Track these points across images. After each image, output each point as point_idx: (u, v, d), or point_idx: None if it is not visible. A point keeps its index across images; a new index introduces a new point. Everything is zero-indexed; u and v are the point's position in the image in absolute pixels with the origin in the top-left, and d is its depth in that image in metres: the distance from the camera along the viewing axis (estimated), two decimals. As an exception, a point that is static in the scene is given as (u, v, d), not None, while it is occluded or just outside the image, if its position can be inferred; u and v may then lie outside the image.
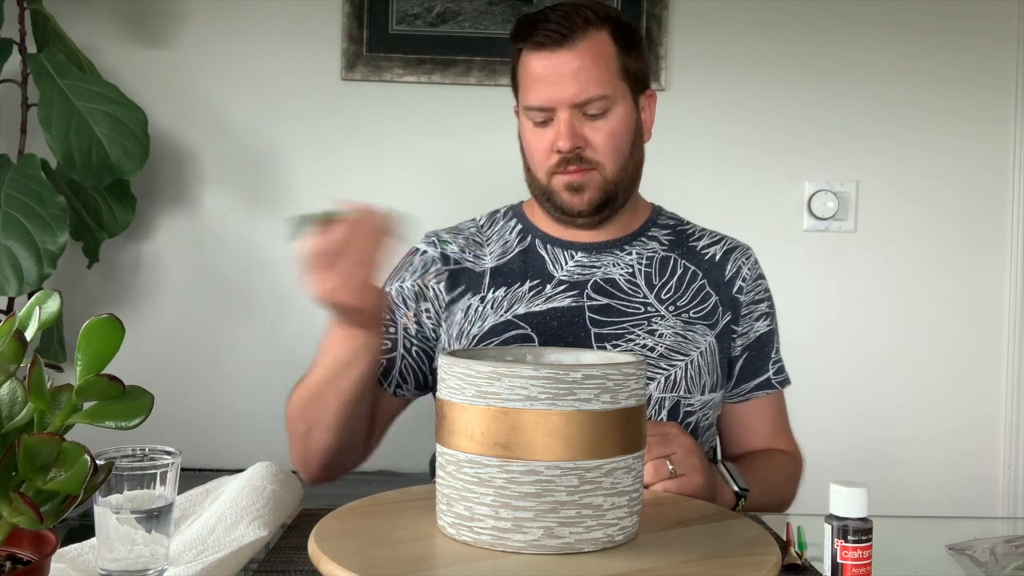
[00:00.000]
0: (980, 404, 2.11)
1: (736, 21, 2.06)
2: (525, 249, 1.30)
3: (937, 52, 2.09)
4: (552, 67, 1.19)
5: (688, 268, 1.30)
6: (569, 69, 1.18)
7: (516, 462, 0.76)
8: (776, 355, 1.33)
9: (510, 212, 1.37)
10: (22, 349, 0.65)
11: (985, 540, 1.02)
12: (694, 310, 1.27)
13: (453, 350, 1.00)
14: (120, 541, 0.83)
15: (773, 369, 1.31)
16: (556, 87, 1.18)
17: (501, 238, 1.33)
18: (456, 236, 1.34)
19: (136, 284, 2.02)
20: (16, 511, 0.63)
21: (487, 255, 1.31)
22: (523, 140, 1.27)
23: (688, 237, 1.33)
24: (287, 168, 2.03)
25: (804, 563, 0.93)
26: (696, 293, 1.28)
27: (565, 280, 1.27)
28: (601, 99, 1.20)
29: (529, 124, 1.24)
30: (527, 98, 1.22)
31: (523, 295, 1.26)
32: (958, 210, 2.11)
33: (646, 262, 1.29)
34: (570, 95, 1.18)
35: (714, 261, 1.31)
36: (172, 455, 0.88)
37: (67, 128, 1.68)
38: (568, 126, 1.19)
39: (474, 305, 1.27)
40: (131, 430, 0.67)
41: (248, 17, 2.02)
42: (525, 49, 1.22)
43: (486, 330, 1.24)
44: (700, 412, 1.25)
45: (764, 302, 1.32)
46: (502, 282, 1.28)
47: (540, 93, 1.20)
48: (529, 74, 1.21)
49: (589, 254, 1.29)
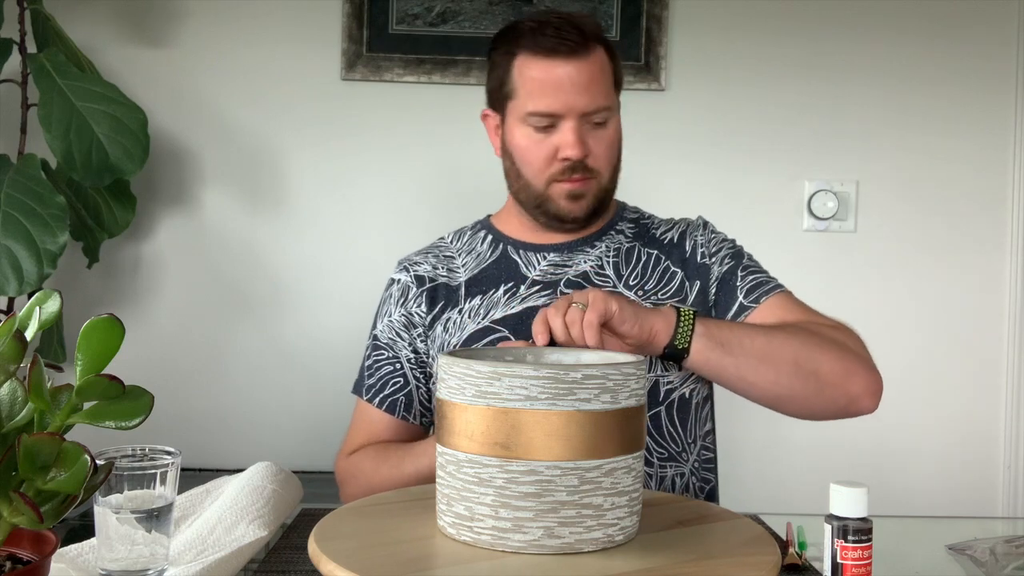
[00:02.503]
0: (980, 404, 2.11)
1: (736, 21, 2.06)
2: (498, 257, 1.33)
3: (937, 52, 2.09)
4: (567, 75, 1.20)
5: (651, 254, 1.32)
6: (583, 79, 1.20)
7: (516, 462, 0.76)
8: (743, 282, 1.26)
9: (478, 225, 1.40)
10: (22, 349, 0.65)
11: (985, 540, 1.02)
12: (661, 291, 1.28)
13: (453, 350, 1.00)
14: (120, 541, 0.83)
15: (743, 294, 1.25)
16: (571, 95, 1.20)
17: (472, 250, 1.35)
18: (426, 256, 1.37)
19: (136, 284, 2.02)
20: (16, 511, 0.63)
21: (460, 268, 1.34)
22: (515, 147, 1.26)
23: (648, 227, 1.36)
24: (287, 168, 2.03)
25: (804, 563, 0.93)
26: (662, 275, 1.30)
27: (539, 280, 1.29)
28: (606, 109, 1.23)
29: (527, 131, 1.24)
30: (531, 103, 1.22)
31: (498, 300, 1.28)
32: (958, 210, 2.11)
33: (613, 254, 1.31)
34: (583, 104, 1.21)
35: (673, 243, 1.33)
36: (172, 455, 0.88)
37: (67, 128, 1.68)
38: (578, 135, 1.21)
39: (453, 318, 1.30)
40: (131, 430, 0.67)
41: (248, 17, 2.02)
42: (526, 54, 1.22)
43: (466, 337, 1.27)
44: (684, 387, 1.25)
45: (724, 247, 1.32)
46: (477, 291, 1.30)
47: (553, 100, 1.20)
48: (535, 80, 1.22)
49: (561, 254, 1.31)
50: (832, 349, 1.15)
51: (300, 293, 2.03)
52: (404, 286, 1.34)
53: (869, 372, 1.17)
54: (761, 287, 1.26)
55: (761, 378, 1.12)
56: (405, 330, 1.32)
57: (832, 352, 1.15)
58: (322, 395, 2.00)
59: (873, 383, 1.16)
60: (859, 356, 1.17)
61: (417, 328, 1.31)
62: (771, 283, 1.27)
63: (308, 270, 2.03)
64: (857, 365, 1.16)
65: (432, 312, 1.31)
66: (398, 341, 1.32)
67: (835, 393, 1.14)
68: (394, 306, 1.34)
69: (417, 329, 1.31)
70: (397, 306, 1.34)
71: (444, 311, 1.30)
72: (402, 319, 1.32)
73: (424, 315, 1.31)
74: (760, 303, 1.24)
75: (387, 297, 1.36)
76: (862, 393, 1.15)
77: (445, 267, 1.34)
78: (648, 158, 2.01)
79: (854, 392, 1.15)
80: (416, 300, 1.32)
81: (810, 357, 1.13)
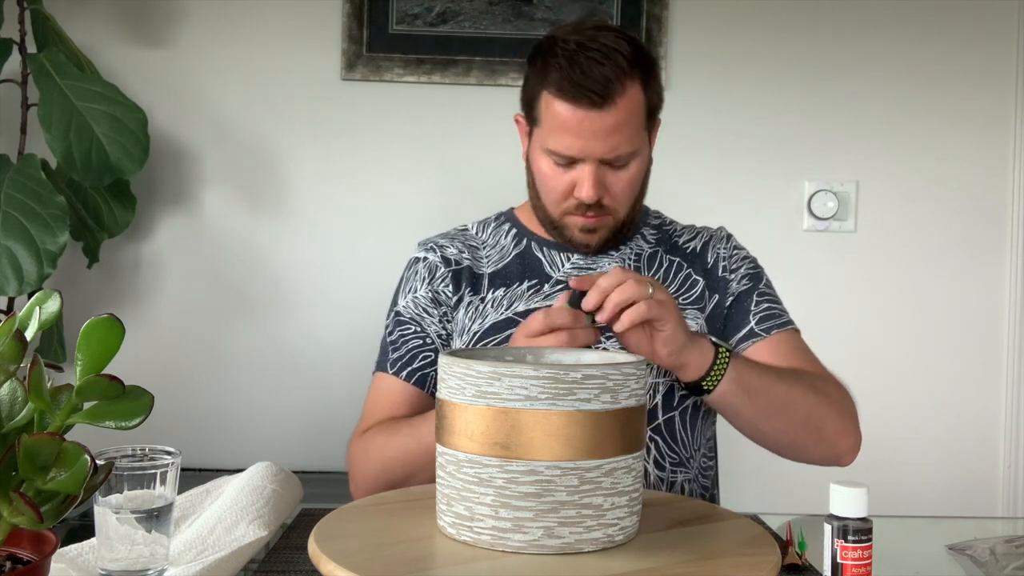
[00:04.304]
0: (980, 403, 2.11)
1: (736, 21, 2.06)
2: (521, 252, 1.32)
3: (937, 52, 2.09)
4: (588, 124, 1.16)
5: (673, 261, 1.32)
6: (604, 127, 1.16)
7: (516, 462, 0.76)
8: (757, 307, 1.29)
9: (502, 217, 1.38)
10: (22, 349, 0.65)
11: (985, 540, 1.02)
12: (683, 296, 1.29)
13: (452, 350, 1.00)
14: (120, 541, 0.83)
15: (755, 320, 1.28)
16: (589, 143, 1.17)
17: (496, 243, 1.34)
18: (452, 240, 1.35)
19: (136, 284, 2.02)
20: (16, 511, 0.63)
21: (484, 259, 1.33)
22: (537, 171, 1.25)
23: (671, 235, 1.36)
24: (287, 168, 2.03)
25: (804, 563, 0.93)
26: (684, 281, 1.30)
27: (563, 280, 1.29)
28: (629, 155, 1.20)
29: (548, 160, 1.22)
30: (552, 141, 1.19)
31: (522, 293, 1.28)
32: (958, 210, 2.11)
33: (635, 259, 1.31)
34: (602, 151, 1.17)
35: (696, 252, 1.33)
36: (172, 455, 0.88)
37: (67, 128, 1.68)
38: (595, 180, 1.18)
39: (475, 303, 1.29)
40: (131, 430, 0.67)
41: (248, 17, 2.02)
42: (553, 90, 1.17)
43: (487, 327, 1.26)
44: None
45: (745, 265, 1.32)
46: (501, 283, 1.30)
47: (571, 145, 1.17)
48: (557, 119, 1.18)
49: (586, 257, 1.31)
50: (835, 407, 1.20)
51: (300, 293, 2.03)
52: (432, 265, 1.32)
53: (856, 431, 1.22)
54: (775, 319, 1.29)
55: (772, 428, 1.17)
56: (433, 306, 1.30)
57: (836, 411, 1.19)
58: (322, 395, 2.00)
59: (857, 442, 1.23)
60: (852, 416, 1.23)
61: (443, 307, 1.30)
62: (784, 317, 1.30)
63: (308, 270, 2.03)
64: (851, 425, 1.21)
65: (457, 294, 1.30)
66: (425, 317, 1.30)
67: (828, 448, 1.20)
68: (420, 283, 1.32)
69: (443, 308, 1.30)
70: (424, 284, 1.31)
71: (467, 296, 1.29)
72: (429, 295, 1.30)
73: (450, 296, 1.30)
74: (771, 335, 1.27)
75: (411, 275, 1.34)
76: (849, 450, 1.22)
77: (471, 254, 1.33)
78: (648, 158, 2.01)
79: (842, 449, 1.21)
80: (443, 280, 1.30)
81: (820, 414, 1.17)
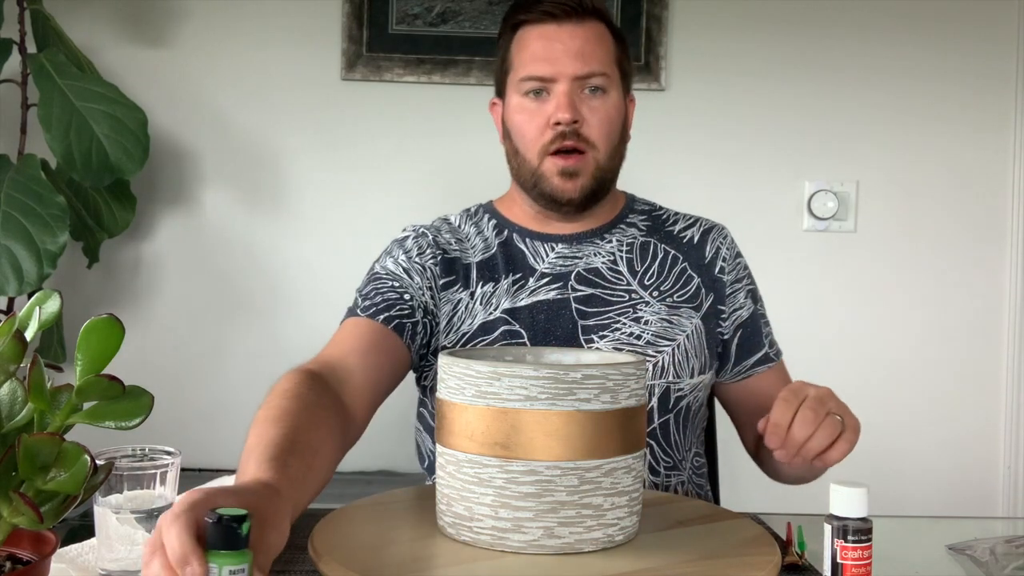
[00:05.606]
0: (980, 404, 2.11)
1: (736, 21, 2.06)
2: (504, 242, 1.29)
3: (937, 52, 2.09)
4: (558, 39, 1.20)
5: (668, 252, 1.29)
6: (575, 42, 1.20)
7: (516, 462, 0.76)
8: (766, 328, 1.32)
9: (481, 210, 1.35)
10: (22, 349, 0.65)
11: (985, 540, 1.02)
12: (678, 294, 1.26)
13: (452, 350, 1.00)
14: (120, 541, 0.83)
15: (767, 342, 1.31)
16: (562, 58, 1.20)
17: (480, 233, 1.31)
18: (438, 230, 1.31)
19: (136, 284, 2.02)
20: (16, 511, 0.63)
21: (470, 250, 1.29)
22: (512, 122, 1.25)
23: (664, 222, 1.33)
24: (287, 168, 2.03)
25: (804, 563, 0.93)
26: (679, 276, 1.28)
27: (548, 272, 1.26)
28: (601, 75, 1.21)
29: (522, 102, 1.22)
30: (525, 69, 1.22)
31: (507, 289, 1.24)
32: (958, 210, 2.11)
33: (626, 248, 1.28)
34: (574, 67, 1.19)
35: (692, 243, 1.31)
36: (172, 455, 0.88)
37: (67, 128, 1.68)
38: (568, 98, 1.19)
39: (464, 300, 1.24)
40: (131, 430, 0.67)
41: (248, 17, 2.02)
42: (528, 23, 1.23)
43: (476, 327, 1.22)
44: (691, 395, 1.24)
45: (746, 279, 1.32)
46: (489, 277, 1.26)
47: (544, 63, 1.20)
48: (529, 47, 1.22)
49: (570, 245, 1.27)
50: None
51: (300, 292, 2.03)
52: (420, 242, 1.27)
53: None
54: (775, 346, 1.33)
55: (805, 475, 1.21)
56: (418, 275, 1.24)
57: None
58: (322, 395, 2.00)
59: None
60: None
61: (428, 280, 1.24)
62: (777, 344, 1.34)
63: (308, 269, 2.03)
64: None
65: (446, 278, 1.25)
66: (404, 279, 1.23)
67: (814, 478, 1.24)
68: (404, 253, 1.26)
69: (428, 281, 1.24)
70: (410, 255, 1.26)
71: (455, 287, 1.25)
72: (416, 265, 1.25)
73: (438, 276, 1.25)
74: (779, 359, 1.32)
75: (394, 246, 1.29)
76: None
77: (458, 245, 1.29)
78: (648, 158, 2.01)
79: None
80: (432, 257, 1.26)
81: None
